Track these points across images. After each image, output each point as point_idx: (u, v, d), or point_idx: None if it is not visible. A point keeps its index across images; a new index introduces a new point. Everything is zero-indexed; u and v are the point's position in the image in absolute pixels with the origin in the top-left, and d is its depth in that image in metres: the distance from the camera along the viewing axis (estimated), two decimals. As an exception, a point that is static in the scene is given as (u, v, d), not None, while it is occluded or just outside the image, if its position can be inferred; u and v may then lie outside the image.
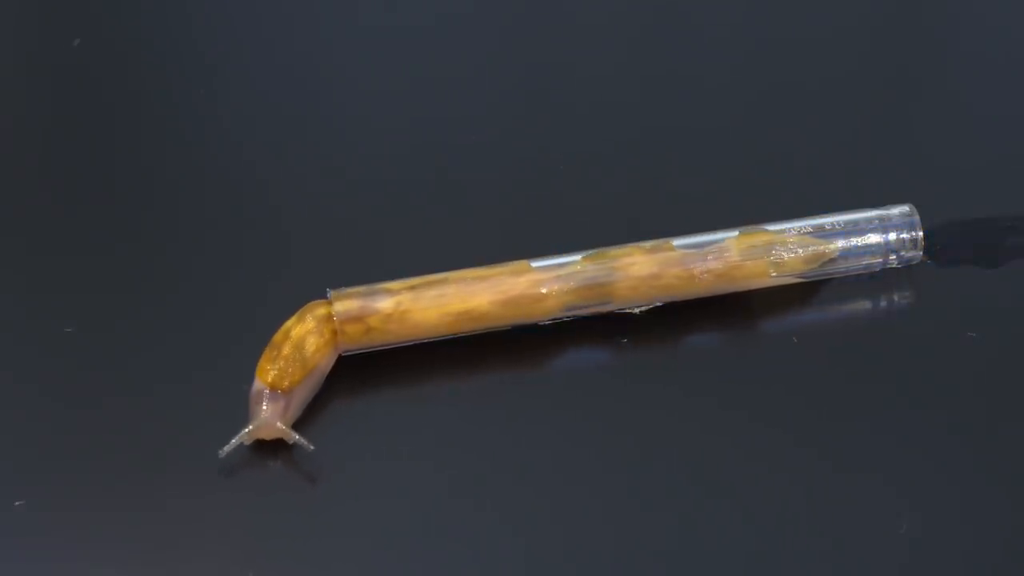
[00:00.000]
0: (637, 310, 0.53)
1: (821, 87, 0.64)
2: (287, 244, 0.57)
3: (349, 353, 0.51)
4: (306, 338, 0.50)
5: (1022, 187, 0.59)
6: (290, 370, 0.49)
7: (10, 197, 0.60)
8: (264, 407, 0.48)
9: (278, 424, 0.48)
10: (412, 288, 0.51)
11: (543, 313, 0.52)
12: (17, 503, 0.48)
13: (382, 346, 0.52)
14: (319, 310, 0.51)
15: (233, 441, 0.48)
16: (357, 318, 0.51)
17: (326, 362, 0.51)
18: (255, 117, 0.64)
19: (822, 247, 0.53)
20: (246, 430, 0.48)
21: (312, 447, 0.48)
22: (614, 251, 0.52)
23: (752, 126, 0.62)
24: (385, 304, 0.51)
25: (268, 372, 0.49)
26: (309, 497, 0.48)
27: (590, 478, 0.48)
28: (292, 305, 0.51)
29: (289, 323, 0.50)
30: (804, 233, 0.53)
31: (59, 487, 0.49)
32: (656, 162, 0.60)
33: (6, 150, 0.62)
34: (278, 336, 0.50)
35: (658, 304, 0.53)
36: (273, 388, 0.49)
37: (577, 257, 0.52)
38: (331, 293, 0.51)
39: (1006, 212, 0.57)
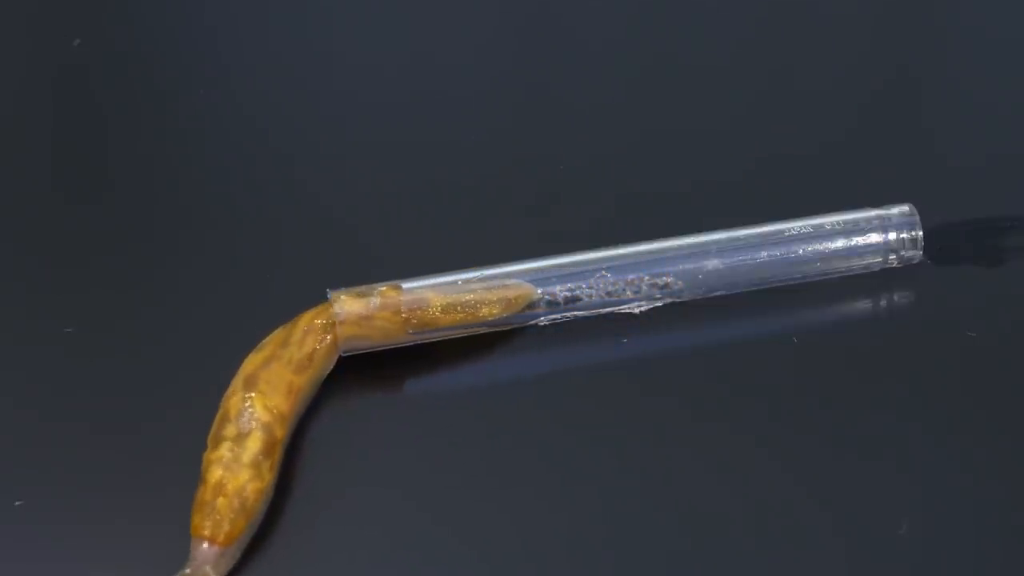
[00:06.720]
0: (637, 310, 0.53)
1: (821, 86, 0.64)
2: (287, 244, 0.57)
3: (349, 354, 0.51)
4: (245, 486, 0.47)
5: (1022, 187, 0.59)
6: (226, 526, 0.46)
7: (10, 197, 0.60)
8: (202, 550, 0.46)
9: (210, 572, 0.46)
10: (412, 288, 0.51)
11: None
12: (17, 503, 0.48)
13: (383, 346, 0.52)
14: (248, 455, 0.47)
15: None
16: (357, 319, 0.51)
17: (326, 364, 0.51)
18: (255, 118, 0.64)
19: (514, 292, 0.52)
20: (181, 572, 0.46)
21: None
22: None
23: (752, 126, 0.62)
24: (385, 304, 0.51)
25: (204, 528, 0.46)
26: (308, 497, 0.48)
27: (591, 478, 0.48)
28: (293, 303, 0.51)
29: (218, 475, 0.47)
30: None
31: (59, 487, 0.49)
32: (656, 163, 0.60)
33: (6, 150, 0.62)
34: (207, 494, 0.46)
35: (657, 304, 0.53)
36: (212, 543, 0.46)
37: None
38: (331, 293, 0.51)
39: (1006, 212, 0.57)
